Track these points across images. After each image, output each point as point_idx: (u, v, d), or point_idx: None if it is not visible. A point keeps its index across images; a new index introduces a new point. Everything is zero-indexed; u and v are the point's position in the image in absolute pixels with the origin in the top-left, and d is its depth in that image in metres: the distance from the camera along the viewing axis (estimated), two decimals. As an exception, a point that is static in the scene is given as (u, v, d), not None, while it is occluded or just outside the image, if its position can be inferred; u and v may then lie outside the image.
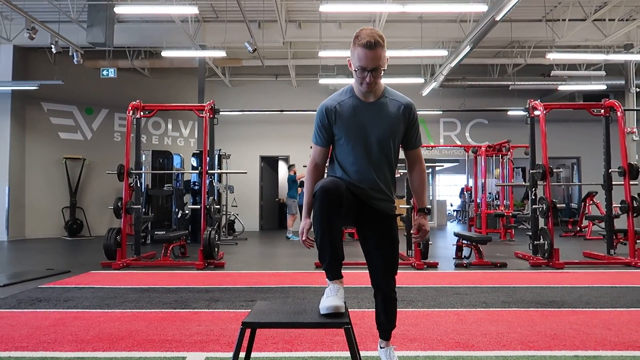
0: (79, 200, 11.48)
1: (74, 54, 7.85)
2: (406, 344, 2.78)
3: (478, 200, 10.91)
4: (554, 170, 6.31)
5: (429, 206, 2.19)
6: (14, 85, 10.08)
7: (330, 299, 1.90)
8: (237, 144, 13.34)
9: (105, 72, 9.32)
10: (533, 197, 6.53)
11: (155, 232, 9.30)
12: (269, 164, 14.57)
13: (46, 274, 5.39)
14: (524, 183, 9.85)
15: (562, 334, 2.98)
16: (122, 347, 2.73)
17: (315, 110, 2.22)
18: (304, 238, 2.15)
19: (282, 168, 15.23)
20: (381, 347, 2.34)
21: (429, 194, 17.27)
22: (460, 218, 18.93)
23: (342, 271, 2.04)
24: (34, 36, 6.48)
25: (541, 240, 6.30)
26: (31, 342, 2.82)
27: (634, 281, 4.99)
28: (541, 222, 6.68)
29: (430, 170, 18.20)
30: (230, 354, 2.59)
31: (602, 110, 6.67)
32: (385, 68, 2.07)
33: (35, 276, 5.20)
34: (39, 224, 11.02)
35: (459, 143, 14.13)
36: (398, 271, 2.25)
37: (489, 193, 11.90)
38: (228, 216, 11.09)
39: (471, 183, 11.35)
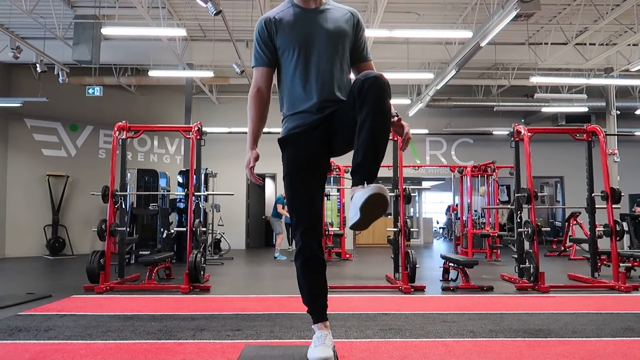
0: (62, 218, 11.29)
1: (59, 72, 7.78)
2: (395, 379, 2.75)
3: (464, 219, 10.97)
4: (539, 194, 6.39)
5: (396, 112, 1.96)
6: (-3, 102, 9.96)
7: (319, 348, 1.87)
8: (223, 161, 13.30)
9: (90, 91, 9.25)
10: (518, 220, 6.58)
11: (140, 252, 9.19)
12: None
13: (26, 298, 5.27)
14: (509, 206, 9.88)
15: (549, 367, 2.98)
16: (104, 384, 2.66)
17: None
18: (251, 165, 2.02)
19: (269, 186, 15.20)
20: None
21: (415, 212, 17.34)
22: (447, 235, 19.00)
23: (329, 295, 2.02)
24: (18, 55, 6.44)
25: (527, 263, 6.34)
26: (10, 379, 2.73)
27: (618, 307, 5.03)
28: (526, 245, 6.73)
29: (416, 191, 18.34)
30: (216, 393, 2.54)
31: (585, 135, 6.79)
32: None
33: (15, 302, 5.07)
34: (20, 242, 10.81)
35: (445, 162, 14.27)
36: (386, 295, 2.20)
37: (475, 210, 11.99)
38: (214, 235, 10.99)
39: (457, 201, 11.42)
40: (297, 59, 1.90)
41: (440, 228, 21.46)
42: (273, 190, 14.75)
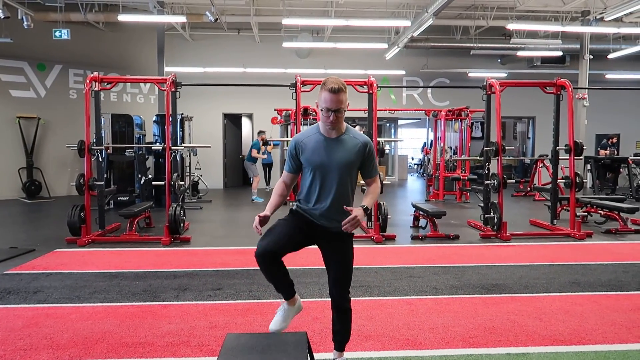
0: (36, 161, 11.18)
1: (24, 17, 7.44)
2: (361, 342, 3.07)
3: (437, 162, 11.26)
4: (507, 147, 6.63)
5: (369, 207, 2.50)
6: (-43, 43, 9.49)
7: (276, 319, 2.54)
8: (199, 101, 13.15)
9: (57, 34, 8.84)
10: (486, 172, 6.87)
11: (119, 197, 9.30)
12: (232, 122, 14.46)
13: (10, 254, 5.41)
14: (478, 157, 10.08)
15: (499, 326, 3.34)
16: (98, 352, 2.91)
17: (279, 68, 2.72)
18: (260, 219, 2.42)
19: (246, 125, 15.16)
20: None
21: (391, 150, 17.63)
22: (421, 172, 19.45)
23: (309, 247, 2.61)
24: (-21, 2, 6.11)
25: (491, 213, 6.72)
26: (7, 348, 2.95)
27: (570, 257, 5.48)
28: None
29: (392, 124, 18.56)
30: (200, 359, 2.83)
31: (554, 88, 6.97)
32: (347, 109, 2.43)
33: (0, 258, 5.23)
34: (-5, 185, 10.75)
35: (421, 102, 14.40)
36: (359, 246, 2.66)
37: (449, 147, 12.30)
38: (192, 177, 11.10)
39: (431, 143, 11.66)
40: (313, 177, 2.48)
41: (415, 164, 21.88)
42: (249, 129, 14.72)
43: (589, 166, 11.61)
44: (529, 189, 11.59)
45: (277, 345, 2.04)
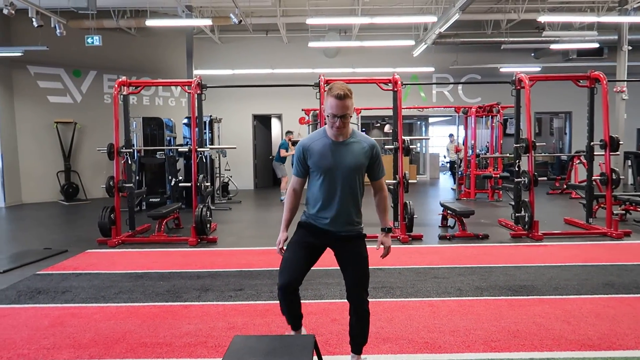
0: (73, 164, 11.57)
1: (56, 25, 7.68)
2: (379, 345, 3.01)
3: (467, 159, 11.04)
4: (537, 144, 6.42)
5: (390, 226, 2.63)
6: (-2, 52, 9.90)
7: None
8: (228, 103, 13.30)
9: (90, 40, 9.10)
10: (517, 170, 6.66)
11: (150, 199, 9.50)
12: (262, 122, 14.56)
13: (44, 254, 5.60)
14: (508, 154, 9.81)
15: (524, 330, 3.22)
16: (116, 352, 2.95)
17: (306, 68, 3.47)
18: (280, 245, 2.57)
19: (275, 125, 15.23)
20: None
21: (422, 148, 17.40)
22: (453, 170, 19.07)
23: None
24: (12, 12, 6.34)
25: (522, 212, 6.51)
26: (32, 347, 3.04)
27: (605, 257, 5.24)
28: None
29: (423, 122, 18.30)
30: (216, 362, 2.84)
31: (588, 82, 6.70)
32: (352, 115, 2.43)
33: (34, 258, 5.41)
34: (35, 189, 11.16)
35: (451, 99, 14.11)
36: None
37: (481, 148, 12.04)
38: (222, 179, 11.24)
39: (461, 144, 11.44)
40: (322, 181, 2.47)
41: (447, 162, 21.49)
42: (279, 130, 14.80)
43: (629, 162, 11.12)
44: (564, 186, 11.18)
45: (283, 348, 2.02)
